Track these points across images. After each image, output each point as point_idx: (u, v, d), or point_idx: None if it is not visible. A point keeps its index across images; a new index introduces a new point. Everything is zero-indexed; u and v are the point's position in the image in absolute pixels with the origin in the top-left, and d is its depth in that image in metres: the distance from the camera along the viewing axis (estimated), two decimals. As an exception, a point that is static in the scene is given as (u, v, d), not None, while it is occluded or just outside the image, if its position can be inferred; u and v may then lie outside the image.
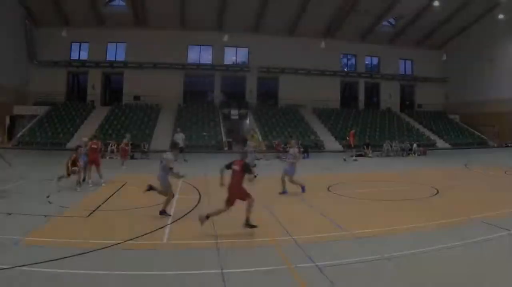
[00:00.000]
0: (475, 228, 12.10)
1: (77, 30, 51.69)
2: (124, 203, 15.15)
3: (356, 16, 54.39)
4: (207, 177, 23.15)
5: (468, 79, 66.08)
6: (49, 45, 51.91)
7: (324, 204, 15.68)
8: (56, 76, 52.98)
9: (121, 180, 21.36)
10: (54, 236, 10.54)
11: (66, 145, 41.12)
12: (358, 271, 8.48)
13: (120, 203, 15.24)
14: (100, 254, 9.31)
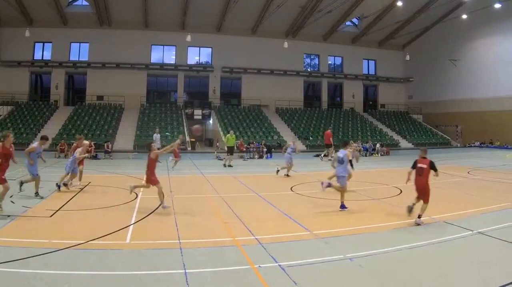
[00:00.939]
0: (437, 228, 12.60)
1: (40, 30, 53.34)
2: (88, 203, 15.61)
3: (319, 16, 55.78)
4: (170, 176, 24.34)
5: (431, 79, 68.50)
6: (12, 45, 53.66)
7: (287, 204, 16.19)
8: (19, 76, 54.46)
9: (85, 179, 21.60)
10: (17, 236, 10.77)
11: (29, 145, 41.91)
12: (321, 271, 8.71)
13: (83, 203, 15.66)
14: (63, 254, 9.47)
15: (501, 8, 52.74)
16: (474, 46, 62.21)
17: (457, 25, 60.47)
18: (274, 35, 61.49)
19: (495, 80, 57.60)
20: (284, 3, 51.44)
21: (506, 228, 12.42)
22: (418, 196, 13.47)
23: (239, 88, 64.03)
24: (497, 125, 56.48)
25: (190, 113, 55.17)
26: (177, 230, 11.82)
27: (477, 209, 15.14)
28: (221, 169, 30.60)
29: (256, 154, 42.30)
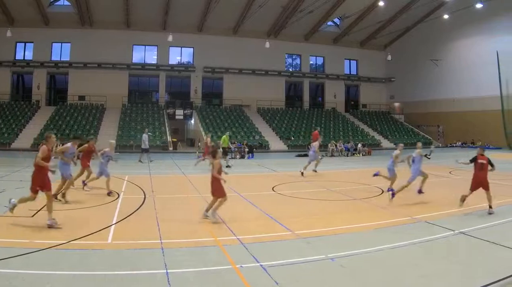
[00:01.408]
0: (419, 228, 12.72)
1: (21, 30, 54.25)
2: (69, 202, 15.66)
3: (301, 16, 56.97)
4: (152, 176, 24.64)
5: (412, 79, 69.90)
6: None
7: (268, 204, 16.24)
8: (1, 76, 55.41)
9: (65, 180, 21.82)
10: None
11: (11, 145, 42.96)
12: (302, 271, 8.78)
13: (65, 203, 15.64)
14: (45, 254, 9.51)
15: (482, 8, 53.77)
16: (455, 46, 63.41)
17: (438, 25, 61.59)
18: (256, 35, 62.70)
19: (477, 80, 58.68)
20: (265, 3, 52.24)
21: (488, 228, 12.62)
22: (474, 189, 14.63)
23: (220, 88, 65.20)
24: (479, 125, 57.53)
25: (171, 113, 56.18)
26: (158, 230, 11.94)
27: (459, 208, 15.35)
28: (203, 168, 29.74)
29: (238, 154, 42.71)
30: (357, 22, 63.83)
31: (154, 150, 44.48)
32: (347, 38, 68.76)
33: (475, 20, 57.57)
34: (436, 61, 64.88)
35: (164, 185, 21.63)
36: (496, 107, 55.87)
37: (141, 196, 17.49)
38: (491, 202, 14.27)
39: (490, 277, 8.28)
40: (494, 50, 55.32)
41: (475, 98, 59.20)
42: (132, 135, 47.50)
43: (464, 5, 54.38)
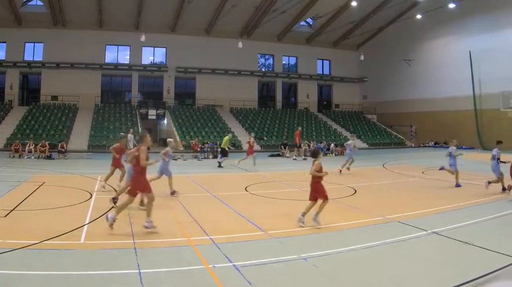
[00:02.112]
0: (392, 228, 13.00)
1: (-7, 30, 54.88)
2: (42, 202, 15.84)
3: (274, 16, 58.28)
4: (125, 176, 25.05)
5: (385, 79, 71.82)
6: (-35, 45, 54.64)
7: (241, 203, 16.59)
8: (-27, 77, 55.72)
9: (39, 179, 22.12)
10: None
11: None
12: (275, 271, 8.95)
13: (38, 203, 15.82)
14: (17, 254, 9.63)
15: (455, 8, 55.15)
16: (428, 46, 65.23)
17: (411, 25, 63.16)
18: (229, 35, 64.48)
19: (450, 80, 60.06)
20: (238, 3, 53.53)
21: (460, 227, 12.97)
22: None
23: (193, 88, 66.86)
24: (452, 125, 58.51)
25: (144, 113, 57.20)
26: (131, 230, 12.15)
27: (431, 209, 15.77)
28: (175, 169, 30.63)
29: (211, 154, 43.77)
30: (330, 22, 65.46)
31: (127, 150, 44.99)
32: (320, 38, 70.69)
33: (448, 20, 59.00)
34: (409, 61, 66.55)
35: None
36: (469, 107, 57.34)
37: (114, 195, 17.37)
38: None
39: (462, 277, 8.51)
40: (467, 50, 56.95)
41: (448, 98, 60.45)
42: (105, 135, 48.92)
43: (436, 5, 55.76)
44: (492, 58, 53.39)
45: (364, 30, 68.62)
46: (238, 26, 64.31)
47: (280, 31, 67.39)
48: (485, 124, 55.31)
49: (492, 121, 52.91)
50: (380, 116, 74.01)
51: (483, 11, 55.27)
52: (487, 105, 54.72)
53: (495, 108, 48.07)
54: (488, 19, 54.95)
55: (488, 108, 54.28)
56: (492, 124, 52.88)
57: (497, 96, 46.29)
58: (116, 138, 38.28)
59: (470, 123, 57.00)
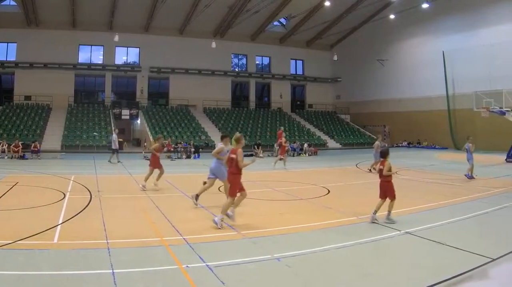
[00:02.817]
0: (365, 228, 13.09)
1: (-34, 30, 56.42)
2: (15, 202, 15.98)
3: (247, 16, 59.87)
4: (98, 176, 25.72)
5: (359, 79, 73.46)
6: None
7: (214, 203, 16.30)
8: None
9: (12, 180, 22.24)
10: None
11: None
12: (248, 271, 9.02)
13: (10, 203, 15.97)
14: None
15: (428, 8, 56.74)
16: (402, 46, 66.99)
17: (385, 25, 65.04)
18: (202, 35, 66.19)
19: (423, 80, 61.41)
20: (211, 3, 54.84)
21: (433, 228, 13.06)
22: None
23: (167, 88, 68.58)
24: (425, 125, 60.53)
25: (117, 113, 58.47)
26: (104, 230, 12.17)
27: (404, 209, 15.86)
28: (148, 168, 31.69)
29: (184, 154, 44.21)
30: (303, 22, 67.27)
31: (100, 150, 47.24)
32: (293, 38, 72.55)
33: (421, 20, 60.53)
34: (382, 61, 68.31)
35: (111, 185, 22.31)
36: (442, 107, 58.63)
37: (87, 196, 17.96)
38: None
39: (435, 277, 8.60)
40: (440, 50, 58.39)
41: (421, 98, 61.84)
42: (78, 135, 50.48)
43: (410, 5, 57.50)
44: (465, 58, 54.97)
45: (338, 30, 70.50)
46: (211, 26, 65.84)
47: (254, 31, 69.15)
48: (459, 124, 56.41)
49: (466, 121, 53.77)
50: (353, 116, 75.88)
51: (456, 11, 56.79)
52: (460, 105, 55.74)
53: (469, 108, 48.04)
54: (461, 19, 56.51)
55: (461, 108, 55.23)
56: (465, 124, 53.57)
57: (470, 96, 46.16)
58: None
59: (444, 123, 58.29)
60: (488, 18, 52.97)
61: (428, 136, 61.78)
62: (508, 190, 20.99)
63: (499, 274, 9.09)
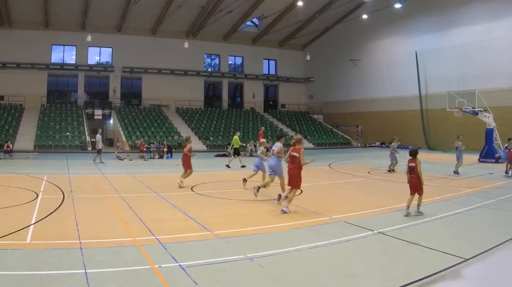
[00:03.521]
0: (338, 228, 13.30)
1: None
2: None
3: (220, 16, 60.78)
4: (71, 176, 26.07)
5: (331, 79, 74.92)
6: None
7: (187, 204, 16.88)
8: None
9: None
10: None
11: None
12: (222, 271, 9.14)
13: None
14: None
15: (401, 9, 57.88)
16: (375, 46, 68.71)
17: (358, 25, 66.32)
18: (175, 35, 67.72)
19: (396, 80, 62.70)
20: (184, 3, 55.76)
21: (406, 227, 13.29)
22: None
23: (139, 88, 69.94)
24: (398, 125, 60.20)
25: (90, 113, 59.18)
26: (77, 230, 12.24)
27: (377, 209, 16.28)
28: (122, 168, 32.08)
29: (157, 154, 44.74)
30: (276, 22, 68.92)
31: (73, 149, 48.60)
32: (266, 38, 74.34)
33: (394, 20, 61.83)
34: (355, 61, 70.01)
35: (83, 185, 22.45)
36: (415, 107, 59.79)
37: (60, 196, 18.07)
38: None
39: (408, 277, 8.71)
40: (413, 50, 59.56)
41: (394, 98, 63.00)
42: (51, 135, 51.63)
43: (383, 5, 58.73)
44: (438, 58, 56.26)
45: (310, 30, 72.24)
46: (184, 26, 67.36)
47: (226, 31, 70.75)
48: (431, 124, 57.68)
49: (438, 121, 55.07)
50: (326, 116, 77.58)
51: (428, 11, 58.05)
52: (433, 105, 56.88)
53: (441, 108, 49.07)
54: (434, 20, 57.84)
55: (434, 108, 56.48)
56: (438, 124, 55.16)
57: (443, 96, 47.09)
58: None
59: (417, 123, 59.23)
60: (460, 19, 54.31)
61: (401, 136, 59.40)
62: (480, 190, 21.62)
63: (471, 274, 9.40)
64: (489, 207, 16.91)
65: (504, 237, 11.97)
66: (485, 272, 9.58)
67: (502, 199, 18.81)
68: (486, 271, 9.64)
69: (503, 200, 18.61)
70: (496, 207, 16.84)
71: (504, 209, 16.48)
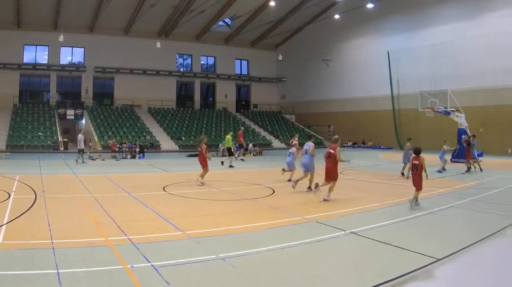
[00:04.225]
0: (310, 228, 13.48)
1: None
2: None
3: (192, 16, 61.64)
4: (43, 176, 26.16)
5: (304, 79, 76.54)
6: None
7: (159, 204, 16.98)
8: None
9: None
10: None
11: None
12: (194, 271, 9.23)
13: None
14: None
15: (373, 8, 58.67)
16: (347, 46, 70.11)
17: (330, 25, 67.82)
18: (147, 35, 68.83)
19: (368, 80, 64.15)
20: (156, 3, 56.53)
21: (378, 228, 13.37)
22: None
23: (111, 88, 71.09)
24: (370, 125, 63.30)
25: (62, 114, 60.13)
26: (49, 230, 12.23)
27: (349, 209, 16.38)
28: (94, 168, 32.21)
29: (129, 154, 45.14)
30: (248, 22, 70.65)
31: (45, 150, 49.00)
32: (238, 38, 76.19)
33: (366, 20, 63.14)
34: (327, 61, 71.65)
35: (56, 185, 22.46)
36: (387, 107, 61.16)
37: (32, 196, 18.10)
38: None
39: (380, 277, 8.81)
40: (385, 50, 60.82)
41: (366, 98, 64.44)
42: (23, 135, 52.62)
43: (355, 5, 59.79)
44: (410, 58, 57.48)
45: (283, 30, 74.02)
46: (156, 26, 68.71)
47: (199, 31, 72.38)
48: (403, 124, 58.56)
49: (410, 121, 56.04)
50: (298, 116, 79.30)
51: (400, 11, 59.40)
52: (405, 105, 57.75)
53: (413, 108, 49.91)
54: (406, 20, 59.14)
55: (406, 108, 57.36)
56: (410, 124, 55.83)
57: (415, 96, 48.26)
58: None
59: (389, 123, 60.52)
60: (432, 18, 55.55)
61: (373, 136, 64.24)
62: (453, 190, 21.84)
63: (443, 274, 9.40)
64: (461, 207, 17.20)
65: (476, 237, 12.20)
66: (457, 272, 9.71)
67: (474, 198, 19.11)
68: (458, 271, 9.76)
69: (475, 200, 18.89)
70: (468, 207, 17.13)
71: (476, 209, 16.70)
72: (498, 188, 22.28)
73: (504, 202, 18.18)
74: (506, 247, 11.75)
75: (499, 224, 13.68)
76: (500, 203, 17.77)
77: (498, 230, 12.98)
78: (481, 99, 49.32)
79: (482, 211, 16.34)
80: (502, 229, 13.13)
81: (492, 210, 16.22)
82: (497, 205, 17.38)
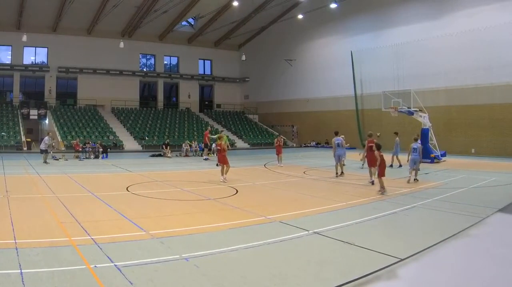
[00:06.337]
0: (273, 228, 13.76)
1: None
2: None
3: (155, 16, 63.89)
4: (6, 176, 26.24)
5: (267, 79, 79.76)
6: None
7: (123, 203, 17.30)
8: None
9: None
10: None
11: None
12: (157, 271, 9.37)
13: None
14: None
15: (336, 9, 61.37)
16: (310, 46, 72.75)
17: (293, 25, 70.64)
18: (110, 35, 71.83)
19: (331, 80, 66.34)
20: (120, 3, 58.62)
21: (342, 227, 13.72)
22: None
23: (75, 88, 73.09)
24: (333, 125, 59.22)
25: (26, 114, 61.68)
26: (13, 230, 12.49)
27: (313, 209, 16.64)
28: (56, 169, 32.75)
29: (92, 154, 45.78)
30: (211, 22, 73.50)
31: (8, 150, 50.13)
32: (201, 38, 79.59)
33: (330, 20, 65.68)
34: (291, 61, 74.72)
35: (19, 185, 22.77)
36: (350, 107, 63.16)
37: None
38: None
39: (343, 277, 9.06)
40: (348, 50, 62.81)
41: (329, 98, 66.94)
42: (-14, 136, 62.31)
43: (318, 5, 62.30)
44: (373, 58, 59.64)
45: (246, 30, 77.57)
46: (119, 26, 71.37)
47: (162, 31, 75.43)
48: (367, 124, 59.43)
49: (374, 121, 57.25)
50: (261, 116, 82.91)
51: (363, 11, 61.60)
52: (369, 105, 60.15)
53: (377, 108, 51.01)
54: (369, 20, 61.36)
55: (370, 108, 59.66)
56: (373, 124, 55.83)
57: (379, 96, 48.65)
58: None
59: (352, 123, 62.06)
60: (396, 19, 57.49)
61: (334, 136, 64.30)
62: (416, 190, 22.42)
63: (407, 274, 9.57)
64: (424, 207, 17.52)
65: (439, 237, 12.52)
66: (420, 272, 9.89)
67: (437, 199, 19.53)
68: (421, 271, 9.95)
69: (438, 200, 19.28)
70: (431, 207, 17.47)
71: (439, 209, 17.05)
72: (461, 188, 23.07)
73: (467, 202, 18.77)
74: (469, 247, 12.22)
75: (462, 224, 14.28)
76: (463, 203, 18.38)
77: (461, 230, 13.55)
78: (444, 99, 51.47)
79: (445, 211, 16.86)
80: (465, 229, 13.69)
81: (455, 210, 16.80)
82: (461, 205, 17.99)
